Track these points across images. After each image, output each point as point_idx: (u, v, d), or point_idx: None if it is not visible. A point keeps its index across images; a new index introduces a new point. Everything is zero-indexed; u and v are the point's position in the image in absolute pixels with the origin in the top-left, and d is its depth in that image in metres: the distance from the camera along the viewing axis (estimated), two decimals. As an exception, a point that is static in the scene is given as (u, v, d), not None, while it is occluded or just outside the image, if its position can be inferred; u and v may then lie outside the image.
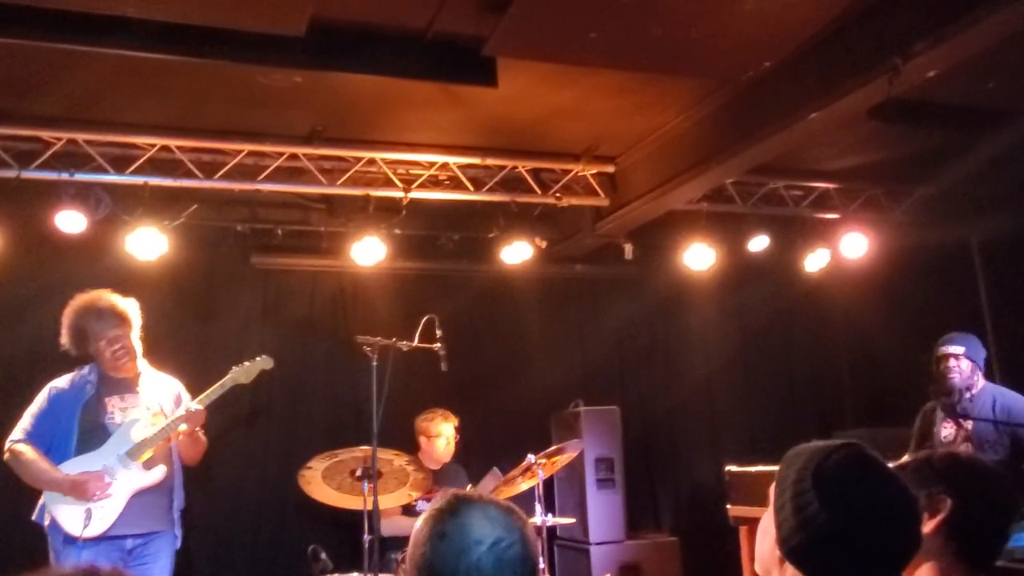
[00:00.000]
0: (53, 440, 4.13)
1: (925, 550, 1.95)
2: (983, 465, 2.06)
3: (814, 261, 6.77)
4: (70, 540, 3.99)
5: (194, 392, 4.48)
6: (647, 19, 3.96)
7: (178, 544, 4.33)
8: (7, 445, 4.13)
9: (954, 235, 6.60)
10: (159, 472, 4.19)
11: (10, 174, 5.09)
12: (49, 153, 5.14)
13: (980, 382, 4.70)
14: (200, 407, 4.20)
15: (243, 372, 4.39)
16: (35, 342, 5.64)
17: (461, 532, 1.63)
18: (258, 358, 4.47)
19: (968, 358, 4.65)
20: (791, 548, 1.52)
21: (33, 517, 4.14)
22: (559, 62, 4.55)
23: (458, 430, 5.73)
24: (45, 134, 5.11)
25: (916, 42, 3.87)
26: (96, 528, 3.99)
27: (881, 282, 7.01)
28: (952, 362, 4.66)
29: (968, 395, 4.65)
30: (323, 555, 4.42)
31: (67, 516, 4.00)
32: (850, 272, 7.01)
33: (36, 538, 4.19)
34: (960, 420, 4.60)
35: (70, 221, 5.18)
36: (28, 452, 4.08)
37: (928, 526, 1.94)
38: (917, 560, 1.96)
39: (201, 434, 4.33)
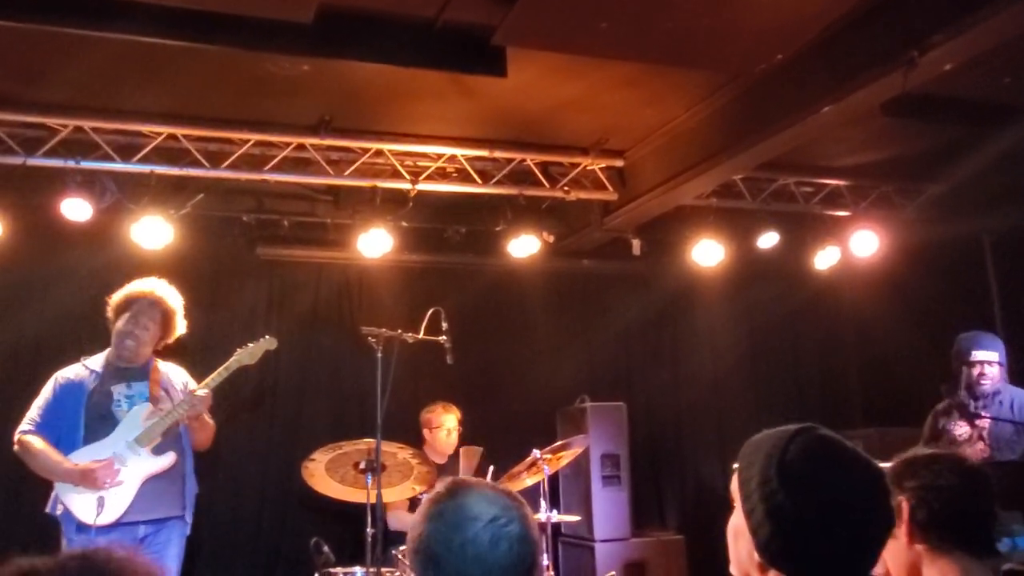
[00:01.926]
0: (61, 430, 4.13)
1: (913, 558, 1.93)
2: (933, 458, 2.01)
3: (824, 259, 6.72)
4: (83, 528, 3.99)
5: (199, 381, 4.45)
6: (658, 10, 3.92)
7: (188, 530, 4.31)
8: (16, 437, 4.13)
9: (966, 233, 6.53)
10: (169, 458, 4.18)
11: (16, 161, 5.07)
12: (55, 140, 5.12)
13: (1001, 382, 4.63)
14: (206, 392, 4.19)
15: (247, 354, 4.38)
16: (40, 329, 5.66)
17: (458, 510, 1.62)
18: (262, 339, 4.46)
19: (1000, 364, 4.56)
20: (773, 554, 1.46)
21: (47, 509, 4.12)
22: (569, 52, 4.50)
23: (461, 422, 5.70)
24: (51, 121, 5.08)
25: (933, 34, 3.82)
26: (109, 516, 3.98)
27: (892, 280, 6.95)
28: (987, 368, 4.54)
29: (996, 400, 4.57)
30: (326, 548, 4.38)
31: (80, 505, 3.99)
32: (860, 270, 6.95)
33: (44, 529, 4.18)
34: (974, 420, 4.54)
35: (75, 209, 5.17)
36: (37, 443, 4.08)
37: (901, 534, 1.92)
38: (915, 563, 1.93)
39: (209, 418, 4.32)
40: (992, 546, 1.96)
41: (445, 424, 5.62)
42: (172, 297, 4.40)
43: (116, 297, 4.35)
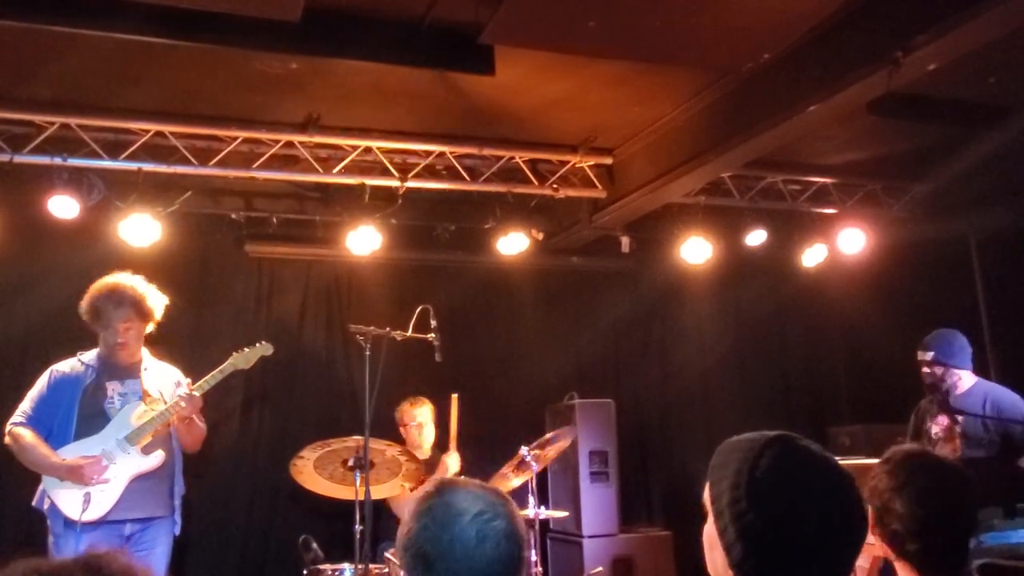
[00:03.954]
0: (53, 424, 4.12)
1: (885, 553, 1.94)
2: (921, 463, 2.00)
3: (811, 256, 6.76)
4: (69, 524, 3.98)
5: (193, 382, 4.45)
6: (646, 8, 3.93)
7: (177, 531, 4.32)
8: (7, 428, 4.13)
9: (952, 231, 6.58)
10: (157, 458, 4.18)
11: (2, 158, 5.05)
12: (42, 137, 5.10)
13: (968, 380, 4.65)
14: (196, 394, 4.18)
15: (242, 358, 4.37)
16: (27, 327, 5.65)
17: (445, 507, 1.66)
18: (258, 344, 4.45)
19: (938, 363, 4.62)
20: (747, 573, 1.44)
21: (33, 503, 4.13)
22: (557, 51, 4.51)
23: (435, 418, 5.64)
24: (38, 118, 5.06)
25: (917, 35, 3.85)
26: (94, 512, 3.98)
27: (878, 278, 7.00)
28: (925, 368, 4.67)
29: (953, 394, 4.62)
30: (314, 545, 4.38)
31: (66, 500, 3.99)
32: (847, 267, 7.00)
33: (33, 523, 4.19)
34: (954, 416, 4.58)
35: (63, 206, 5.16)
36: (28, 436, 4.07)
37: (873, 538, 1.91)
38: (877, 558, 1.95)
39: (199, 420, 4.31)
40: (962, 565, 1.95)
41: (415, 419, 5.56)
42: (134, 285, 4.27)
43: (82, 305, 4.23)
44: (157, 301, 4.35)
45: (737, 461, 1.49)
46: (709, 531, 1.56)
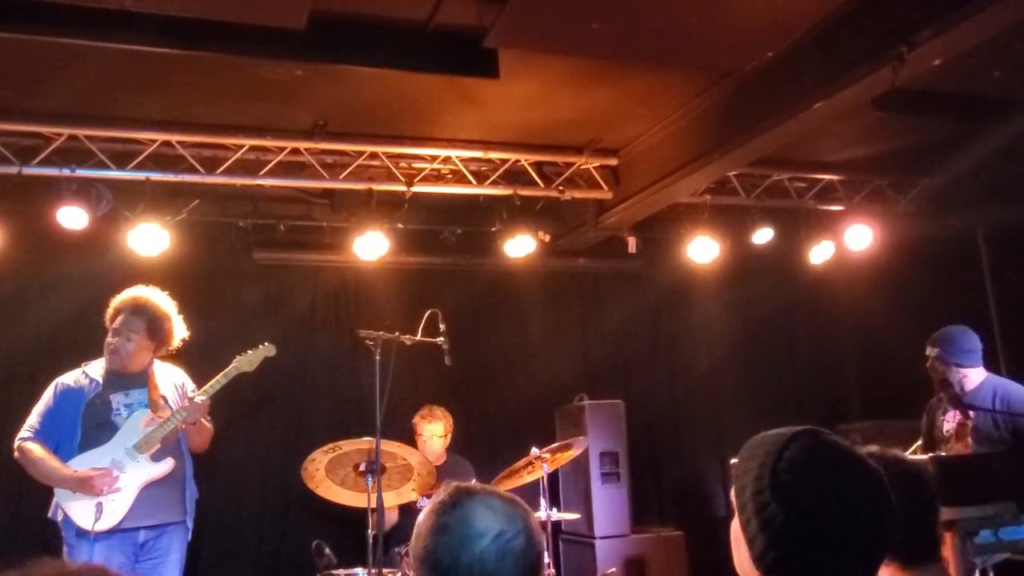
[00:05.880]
0: (61, 437, 4.14)
1: None
2: (878, 458, 2.01)
3: (819, 253, 6.74)
4: (82, 534, 4.00)
5: (198, 386, 4.46)
6: (649, 9, 3.94)
7: (189, 536, 4.33)
8: (16, 443, 4.15)
9: (960, 226, 6.56)
10: (168, 464, 4.19)
11: (11, 170, 5.08)
12: (50, 149, 5.13)
13: (977, 376, 4.61)
14: (203, 399, 4.19)
15: (246, 361, 4.38)
16: (37, 337, 5.68)
17: (464, 524, 1.61)
18: (261, 345, 4.45)
19: (941, 360, 4.60)
20: (769, 566, 1.43)
21: (48, 514, 4.15)
22: (561, 53, 4.53)
23: (449, 429, 5.64)
24: (46, 130, 5.10)
25: (921, 30, 3.84)
26: (107, 522, 3.99)
27: (886, 274, 6.98)
28: (929, 363, 4.66)
29: (963, 391, 4.60)
30: (327, 550, 4.40)
31: (78, 511, 4.01)
32: (855, 264, 6.98)
33: (49, 534, 4.21)
34: (965, 411, 4.55)
35: (71, 217, 5.18)
36: (36, 450, 4.09)
37: None
38: None
39: (207, 422, 4.33)
40: (934, 553, 1.95)
41: (425, 433, 5.57)
42: (158, 303, 4.32)
43: (109, 308, 4.33)
44: (178, 329, 4.39)
45: (762, 455, 1.47)
46: (735, 527, 1.54)
